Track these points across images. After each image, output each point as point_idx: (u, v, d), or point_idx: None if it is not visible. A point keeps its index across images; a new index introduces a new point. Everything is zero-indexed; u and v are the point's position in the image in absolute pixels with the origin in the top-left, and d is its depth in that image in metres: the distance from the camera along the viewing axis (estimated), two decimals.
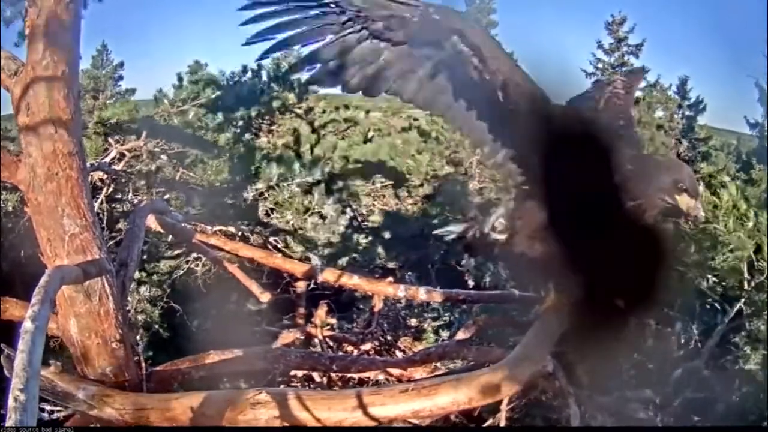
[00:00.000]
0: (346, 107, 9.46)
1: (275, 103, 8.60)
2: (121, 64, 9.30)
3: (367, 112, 9.54)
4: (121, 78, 9.28)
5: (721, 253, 2.81)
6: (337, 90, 2.14)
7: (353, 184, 7.60)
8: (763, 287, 3.09)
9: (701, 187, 2.70)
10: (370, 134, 8.91)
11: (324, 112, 9.12)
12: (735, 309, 3.21)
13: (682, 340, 3.27)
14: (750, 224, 2.77)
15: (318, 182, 6.42)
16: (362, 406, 1.89)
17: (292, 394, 1.97)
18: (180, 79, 8.14)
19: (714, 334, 3.26)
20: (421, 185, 8.06)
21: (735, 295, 3.21)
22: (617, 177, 2.00)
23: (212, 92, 7.71)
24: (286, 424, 1.94)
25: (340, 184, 7.34)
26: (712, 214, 2.79)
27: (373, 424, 1.92)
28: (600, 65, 13.43)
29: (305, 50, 2.04)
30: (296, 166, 6.39)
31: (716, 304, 3.22)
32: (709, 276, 3.03)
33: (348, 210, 6.84)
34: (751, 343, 3.13)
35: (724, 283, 3.13)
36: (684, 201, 1.99)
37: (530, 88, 1.95)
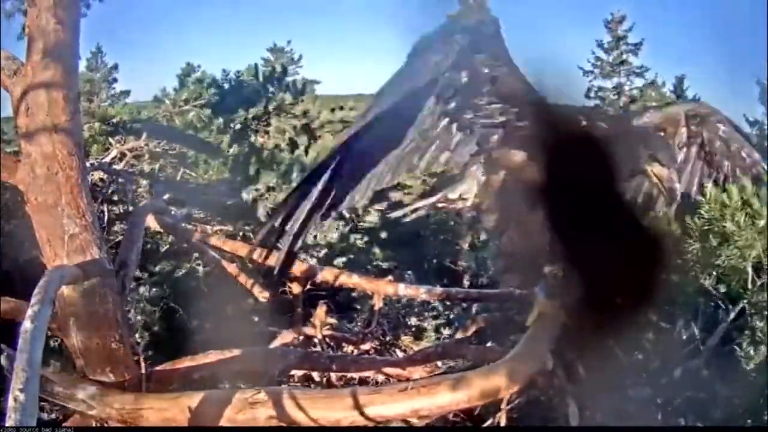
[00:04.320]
0: (341, 108, 9.46)
1: (271, 105, 8.60)
2: (116, 67, 9.33)
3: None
4: (115, 80, 9.31)
5: (726, 251, 2.77)
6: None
7: None
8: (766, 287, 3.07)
9: (709, 184, 2.66)
10: None
11: (319, 113, 9.12)
12: (738, 308, 3.19)
13: (684, 338, 3.26)
14: (762, 222, 2.71)
15: None
16: (361, 405, 1.88)
17: (291, 394, 1.97)
18: (182, 79, 8.15)
19: (716, 332, 3.25)
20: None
21: (738, 294, 3.19)
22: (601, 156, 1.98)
23: (209, 93, 7.71)
24: (284, 424, 1.93)
25: None
26: (720, 212, 2.73)
27: (372, 423, 1.92)
28: (599, 64, 13.45)
29: None
30: (294, 167, 6.38)
31: (719, 302, 3.20)
32: (713, 273, 3.00)
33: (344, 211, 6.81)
34: (754, 343, 3.11)
35: (726, 281, 3.10)
36: (657, 171, 1.96)
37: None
